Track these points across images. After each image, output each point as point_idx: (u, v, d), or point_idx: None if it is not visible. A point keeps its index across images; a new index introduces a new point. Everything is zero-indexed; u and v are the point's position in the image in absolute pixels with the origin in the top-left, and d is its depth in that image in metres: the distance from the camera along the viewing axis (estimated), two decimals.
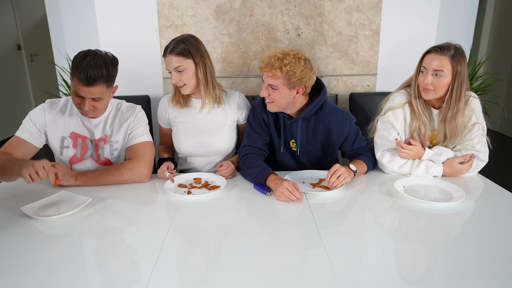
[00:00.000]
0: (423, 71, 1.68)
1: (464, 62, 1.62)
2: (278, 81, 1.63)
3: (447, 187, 1.62)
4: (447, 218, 1.39)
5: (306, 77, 1.64)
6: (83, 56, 1.54)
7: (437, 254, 1.17)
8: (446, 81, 1.64)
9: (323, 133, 1.82)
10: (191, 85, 1.81)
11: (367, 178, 1.77)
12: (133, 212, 1.47)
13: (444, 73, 1.62)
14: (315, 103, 1.74)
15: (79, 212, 1.43)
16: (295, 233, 1.29)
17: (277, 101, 1.68)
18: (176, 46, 1.75)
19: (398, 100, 1.77)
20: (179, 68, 1.76)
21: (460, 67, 1.62)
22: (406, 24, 2.37)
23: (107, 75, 1.56)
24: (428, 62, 1.65)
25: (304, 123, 1.80)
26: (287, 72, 1.60)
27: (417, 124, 1.73)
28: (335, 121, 1.79)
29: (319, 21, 2.32)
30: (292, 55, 1.61)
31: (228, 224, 1.37)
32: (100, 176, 1.65)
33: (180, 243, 1.25)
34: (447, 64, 1.62)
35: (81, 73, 1.51)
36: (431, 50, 1.66)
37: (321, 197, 1.57)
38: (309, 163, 1.90)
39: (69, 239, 1.26)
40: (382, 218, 1.42)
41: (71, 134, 1.73)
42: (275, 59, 1.61)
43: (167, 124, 1.99)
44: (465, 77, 1.63)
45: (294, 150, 1.86)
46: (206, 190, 1.62)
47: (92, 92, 1.55)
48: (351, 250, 1.18)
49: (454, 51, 1.62)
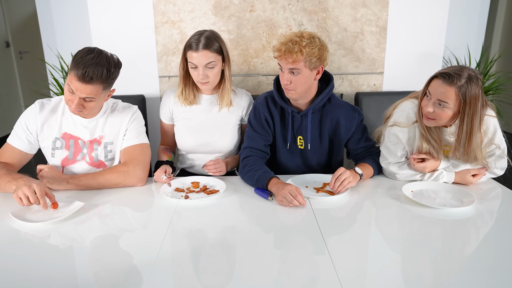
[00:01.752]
0: (427, 96, 1.61)
1: (478, 92, 1.51)
2: (300, 64, 1.66)
3: (457, 191, 1.62)
4: (458, 224, 1.39)
5: (324, 55, 1.70)
6: (87, 52, 1.55)
7: (447, 264, 1.16)
8: (449, 113, 1.56)
9: (331, 127, 1.85)
10: (215, 82, 1.87)
11: (374, 182, 1.77)
12: (128, 218, 1.47)
13: (448, 105, 1.54)
14: (325, 92, 1.78)
15: (71, 217, 1.43)
16: (298, 240, 1.29)
17: (299, 86, 1.71)
18: (210, 42, 1.78)
19: (406, 117, 1.72)
20: (211, 64, 1.79)
21: (471, 100, 1.51)
22: (414, 20, 2.38)
23: (106, 77, 1.56)
24: (434, 89, 1.56)
25: (313, 117, 1.82)
26: (308, 54, 1.64)
27: (427, 147, 1.67)
28: (343, 114, 1.82)
29: (323, 16, 2.33)
30: (306, 36, 1.66)
31: (228, 230, 1.37)
32: (93, 179, 1.66)
33: (177, 251, 1.24)
34: (453, 97, 1.52)
35: (79, 69, 1.50)
36: (439, 76, 1.55)
37: (325, 202, 1.57)
38: (314, 162, 1.91)
39: (59, 246, 1.26)
40: (389, 225, 1.42)
41: (64, 135, 1.73)
42: (293, 43, 1.64)
43: (170, 119, 2.01)
44: (477, 110, 1.53)
45: (300, 148, 1.87)
46: (205, 195, 1.62)
47: (85, 90, 1.54)
48: (357, 258, 1.18)
49: (466, 81, 1.50)
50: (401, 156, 1.75)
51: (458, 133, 1.59)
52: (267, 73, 2.40)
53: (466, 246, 1.26)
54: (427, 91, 1.60)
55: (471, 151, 1.60)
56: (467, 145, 1.59)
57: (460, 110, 1.55)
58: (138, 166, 1.70)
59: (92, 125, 1.74)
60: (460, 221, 1.41)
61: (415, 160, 1.70)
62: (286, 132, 1.87)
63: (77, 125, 1.73)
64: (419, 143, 1.70)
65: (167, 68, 2.36)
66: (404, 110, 1.74)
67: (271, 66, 2.39)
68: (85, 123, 1.73)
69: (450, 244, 1.27)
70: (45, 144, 1.74)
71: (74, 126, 1.73)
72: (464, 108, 1.53)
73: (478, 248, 1.24)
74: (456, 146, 1.62)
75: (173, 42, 2.32)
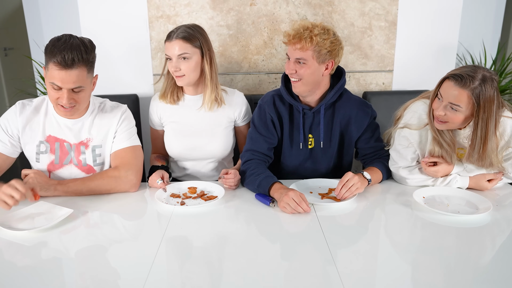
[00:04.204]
0: (439, 98, 1.60)
1: (493, 94, 1.50)
2: (307, 54, 1.68)
3: (472, 197, 1.62)
4: (473, 233, 1.39)
5: (336, 50, 1.71)
6: (56, 39, 1.55)
7: (461, 275, 1.16)
8: (462, 117, 1.56)
9: (342, 124, 1.86)
10: (191, 77, 1.85)
11: (382, 187, 1.78)
12: (119, 227, 1.47)
13: (460, 108, 1.53)
14: (337, 87, 1.80)
15: (57, 226, 1.42)
16: (302, 250, 1.29)
17: (305, 77, 1.72)
18: (185, 32, 1.80)
19: (418, 119, 1.72)
20: (184, 55, 1.80)
21: (486, 104, 1.50)
22: (426, 14, 2.38)
23: (87, 56, 1.55)
24: (445, 91, 1.56)
25: (325, 113, 1.84)
26: (317, 43, 1.66)
27: (440, 151, 1.67)
28: (355, 110, 1.84)
29: (328, 10, 2.34)
30: (320, 26, 1.68)
31: (227, 239, 1.37)
32: (83, 185, 1.66)
33: (173, 262, 1.25)
34: (466, 100, 1.51)
35: (57, 56, 1.50)
36: (450, 77, 1.54)
37: (331, 209, 1.57)
38: (323, 163, 1.91)
39: (43, 257, 1.25)
40: (399, 233, 1.42)
41: (48, 138, 1.72)
42: (304, 29, 1.67)
43: (160, 125, 2.01)
44: (493, 114, 1.52)
45: (310, 148, 1.88)
46: (202, 201, 1.62)
47: (70, 78, 1.53)
48: (365, 269, 1.19)
49: (480, 83, 1.49)
50: (412, 160, 1.75)
51: (472, 138, 1.59)
52: (269, 71, 2.41)
53: (482, 256, 1.26)
54: (438, 92, 1.60)
55: (486, 157, 1.60)
56: (481, 150, 1.59)
57: (474, 113, 1.54)
58: (130, 170, 1.70)
59: (78, 127, 1.73)
60: (475, 229, 1.41)
61: (426, 164, 1.70)
62: (295, 131, 1.87)
63: (61, 126, 1.72)
64: (431, 146, 1.70)
65: (161, 66, 2.36)
66: (415, 111, 1.74)
67: (273, 63, 2.39)
68: (70, 125, 1.72)
69: (464, 254, 1.27)
70: (29, 148, 1.73)
71: (59, 127, 1.72)
72: (478, 111, 1.53)
73: (494, 258, 1.24)
74: (470, 152, 1.62)
75: None
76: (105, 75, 1.90)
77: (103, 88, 2.23)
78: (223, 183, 1.75)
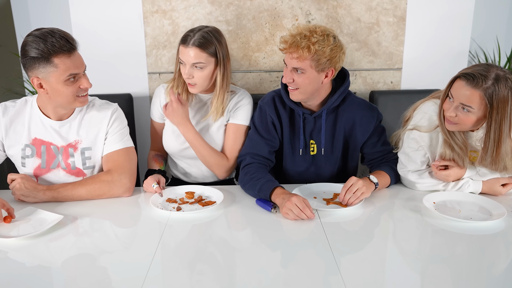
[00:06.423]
0: (450, 98, 1.60)
1: (508, 95, 1.49)
2: (305, 63, 1.66)
3: (485, 203, 1.63)
4: (486, 240, 1.40)
5: (336, 57, 1.69)
6: (42, 33, 1.62)
7: (473, 284, 1.17)
8: (474, 118, 1.56)
9: (346, 129, 1.85)
10: (203, 86, 1.86)
11: (390, 192, 1.78)
12: (111, 234, 1.47)
13: (472, 109, 1.54)
14: (340, 90, 1.78)
15: (45, 233, 1.42)
16: (306, 258, 1.29)
17: (303, 87, 1.71)
18: (202, 38, 1.78)
19: (428, 121, 1.72)
20: (199, 64, 1.79)
21: (499, 104, 1.50)
22: (436, 9, 2.39)
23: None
24: (456, 92, 1.56)
25: (327, 118, 1.84)
26: (316, 52, 1.64)
27: (451, 154, 1.67)
28: (360, 114, 1.84)
29: (333, 5, 2.34)
30: (319, 32, 1.65)
31: (226, 247, 1.37)
32: (73, 190, 1.66)
33: (168, 271, 1.25)
34: (478, 101, 1.51)
35: (56, 42, 1.57)
36: (462, 76, 1.55)
37: (336, 215, 1.58)
38: (326, 169, 1.91)
39: (27, 267, 1.25)
40: (408, 240, 1.42)
41: (34, 141, 1.72)
42: (301, 37, 1.64)
43: (161, 117, 2.02)
44: (507, 115, 1.51)
45: (312, 155, 1.88)
46: (199, 206, 1.63)
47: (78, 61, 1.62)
48: (372, 279, 1.19)
49: (493, 83, 1.49)
50: (421, 164, 1.76)
51: (485, 141, 1.59)
52: (270, 69, 2.41)
53: (495, 265, 1.26)
54: (449, 93, 1.61)
55: (500, 160, 1.61)
56: (495, 153, 1.59)
57: (487, 115, 1.54)
58: (123, 174, 1.71)
59: (65, 128, 1.73)
60: (488, 237, 1.41)
61: (437, 167, 1.70)
62: (296, 137, 1.87)
63: (47, 128, 1.72)
64: (442, 149, 1.70)
65: (157, 64, 2.37)
66: (425, 112, 1.75)
67: (274, 61, 2.40)
68: (57, 127, 1.72)
69: (477, 262, 1.28)
70: (13, 153, 1.73)
71: (45, 129, 1.72)
72: (491, 113, 1.53)
73: (508, 267, 1.25)
74: (483, 156, 1.62)
75: (164, 34, 2.33)
76: (96, 74, 1.90)
77: (94, 86, 2.23)
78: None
